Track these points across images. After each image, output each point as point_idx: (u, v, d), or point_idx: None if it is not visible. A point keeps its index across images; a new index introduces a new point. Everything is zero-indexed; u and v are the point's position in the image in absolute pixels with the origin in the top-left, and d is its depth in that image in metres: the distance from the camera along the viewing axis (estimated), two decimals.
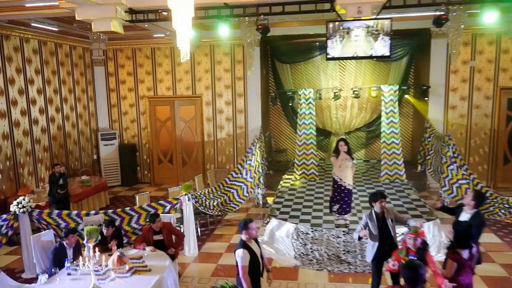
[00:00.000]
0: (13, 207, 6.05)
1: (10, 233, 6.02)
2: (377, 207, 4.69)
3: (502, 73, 10.27)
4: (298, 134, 10.94)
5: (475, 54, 10.30)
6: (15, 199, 6.29)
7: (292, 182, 10.43)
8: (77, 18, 6.76)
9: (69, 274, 4.73)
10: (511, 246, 6.95)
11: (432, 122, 10.48)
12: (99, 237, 4.81)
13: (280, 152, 13.09)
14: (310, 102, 10.71)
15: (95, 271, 4.45)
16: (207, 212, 7.62)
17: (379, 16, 7.35)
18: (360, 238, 4.80)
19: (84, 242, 4.40)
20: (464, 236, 3.83)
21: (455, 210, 4.87)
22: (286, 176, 10.93)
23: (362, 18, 6.67)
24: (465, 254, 3.81)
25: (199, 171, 11.08)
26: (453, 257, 3.84)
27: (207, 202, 7.48)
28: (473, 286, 4.03)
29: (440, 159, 8.97)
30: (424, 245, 4.03)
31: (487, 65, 10.29)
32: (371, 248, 4.72)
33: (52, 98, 9.95)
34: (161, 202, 6.76)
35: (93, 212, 6.49)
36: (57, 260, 4.97)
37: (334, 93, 10.77)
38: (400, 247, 4.32)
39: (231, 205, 8.31)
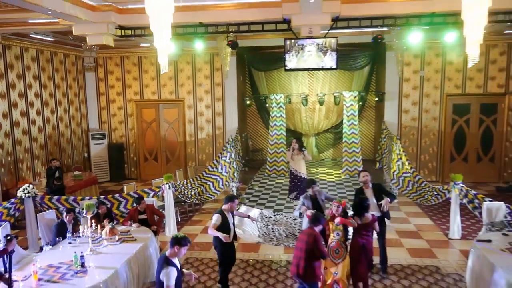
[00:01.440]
0: (19, 193, 7.18)
1: (17, 214, 7.15)
2: (310, 191, 6.12)
3: (448, 82, 11.74)
4: (270, 135, 12.24)
5: (424, 65, 11.73)
6: (17, 189, 7.43)
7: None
8: (74, 34, 7.96)
9: (70, 243, 5.90)
10: (439, 227, 8.32)
11: (388, 124, 11.89)
12: (95, 211, 5.98)
13: (257, 151, 14.36)
14: (280, 106, 12.03)
15: (92, 239, 5.63)
16: (186, 201, 8.83)
17: (329, 34, 8.72)
18: (301, 214, 6.14)
19: (84, 214, 5.55)
20: (358, 206, 5.18)
21: (359, 192, 6.14)
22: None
23: (314, 36, 8.01)
24: (358, 220, 5.16)
25: (181, 168, 12.25)
26: (344, 220, 5.14)
27: (185, 191, 8.70)
28: (371, 248, 5.34)
29: (391, 156, 10.36)
30: (344, 212, 5.31)
31: (435, 74, 11.73)
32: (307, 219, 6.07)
33: (48, 101, 11.05)
34: (145, 190, 7.96)
35: (87, 197, 7.66)
36: (59, 233, 6.14)
37: (302, 99, 12.11)
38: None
39: (207, 195, 9.54)
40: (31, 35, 9.93)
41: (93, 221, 5.61)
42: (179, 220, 8.82)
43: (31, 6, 6.31)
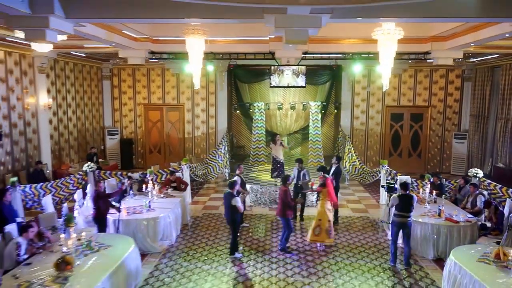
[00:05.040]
0: (85, 167, 10.18)
1: (83, 183, 10.12)
2: (297, 165, 9.52)
3: (387, 96, 15.59)
4: (253, 134, 15.63)
5: (370, 83, 15.53)
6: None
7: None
8: (119, 56, 11.05)
9: (131, 198, 9.03)
10: (373, 197, 11.99)
11: (343, 128, 15.57)
12: (155, 176, 9.14)
13: (240, 147, 17.69)
14: (261, 112, 15.46)
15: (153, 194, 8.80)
16: (196, 179, 12.04)
17: (300, 62, 12.30)
18: (292, 178, 9.57)
19: (148, 177, 8.71)
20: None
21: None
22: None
23: (290, 64, 11.53)
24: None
25: (181, 159, 15.36)
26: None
27: (196, 172, 11.92)
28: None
29: (344, 151, 14.01)
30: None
31: (378, 90, 15.54)
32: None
33: (79, 103, 13.95)
34: (170, 169, 11.12)
35: (130, 173, 10.73)
36: (123, 193, 9.22)
37: (278, 106, 15.62)
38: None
39: (209, 176, 12.80)
40: (71, 52, 12.83)
41: (151, 181, 8.80)
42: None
43: (104, 41, 9.38)
